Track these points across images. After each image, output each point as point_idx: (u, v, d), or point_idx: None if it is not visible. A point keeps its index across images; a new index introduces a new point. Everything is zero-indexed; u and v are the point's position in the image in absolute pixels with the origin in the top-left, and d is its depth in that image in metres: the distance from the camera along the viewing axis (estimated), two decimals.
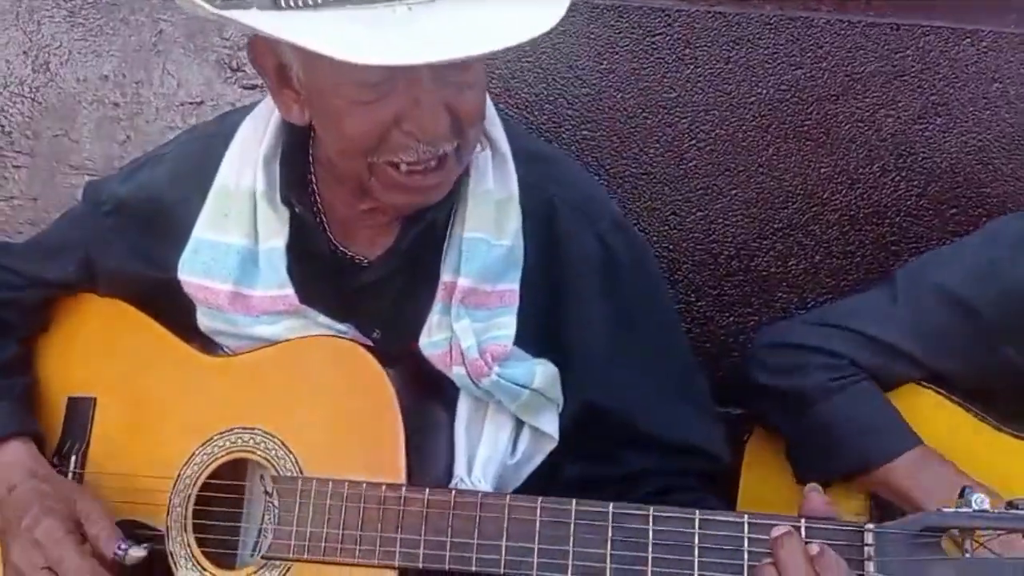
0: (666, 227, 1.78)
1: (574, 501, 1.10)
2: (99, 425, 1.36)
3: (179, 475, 1.27)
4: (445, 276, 1.24)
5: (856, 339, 1.44)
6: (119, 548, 1.21)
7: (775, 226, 1.77)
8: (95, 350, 1.40)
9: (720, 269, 1.79)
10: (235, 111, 1.41)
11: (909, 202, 1.75)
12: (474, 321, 1.22)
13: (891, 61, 1.72)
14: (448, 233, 1.25)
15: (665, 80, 1.75)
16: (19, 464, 1.28)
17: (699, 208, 1.77)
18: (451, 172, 1.18)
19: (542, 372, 1.24)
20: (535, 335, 1.26)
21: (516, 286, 1.24)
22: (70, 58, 1.82)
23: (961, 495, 1.03)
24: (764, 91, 1.74)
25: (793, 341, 1.48)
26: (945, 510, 1.02)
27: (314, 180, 1.28)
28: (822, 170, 1.76)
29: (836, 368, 1.43)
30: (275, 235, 1.26)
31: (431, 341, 1.24)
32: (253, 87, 1.81)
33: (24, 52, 1.82)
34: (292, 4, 1.04)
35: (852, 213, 1.76)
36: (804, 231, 1.77)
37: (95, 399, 1.37)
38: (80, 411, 1.37)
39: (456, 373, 1.23)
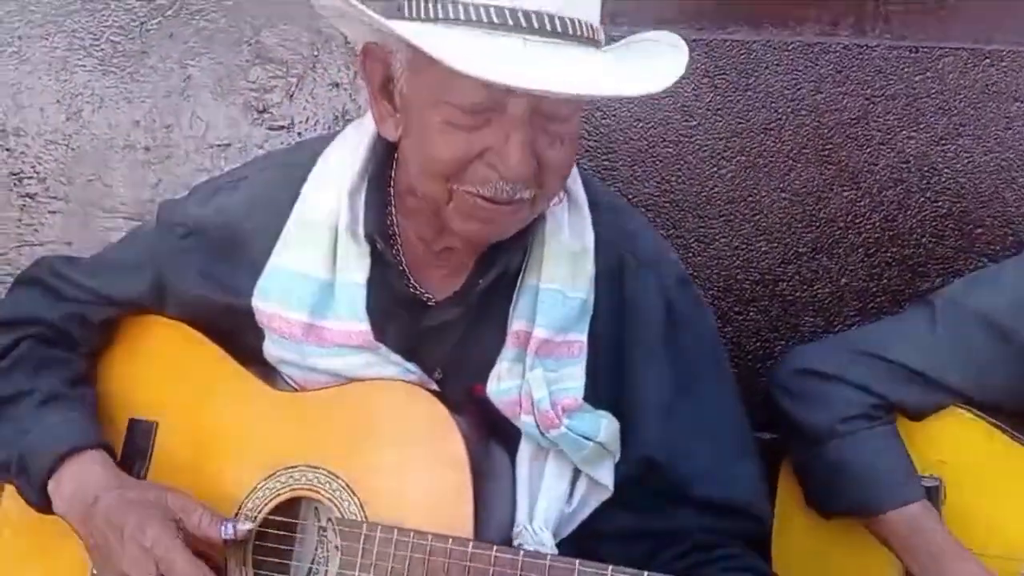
0: (690, 254, 1.79)
1: (645, 573, 1.09)
2: (160, 450, 1.36)
3: (241, 507, 1.27)
4: (517, 324, 1.24)
5: (892, 371, 1.43)
6: (227, 529, 1.22)
7: (799, 250, 1.78)
8: (159, 373, 1.39)
9: (745, 295, 1.79)
10: (313, 140, 1.42)
11: (934, 223, 1.75)
12: (546, 371, 1.23)
13: (910, 84, 1.72)
14: (520, 281, 1.26)
15: (685, 109, 1.76)
16: (98, 475, 1.28)
17: (723, 235, 1.78)
18: (524, 217, 1.19)
19: (607, 426, 1.25)
20: (599, 388, 1.27)
21: (584, 338, 1.25)
22: (102, 105, 1.86)
23: None
24: (784, 117, 1.75)
25: (821, 369, 1.47)
26: None
27: (394, 215, 1.29)
28: (845, 193, 1.76)
29: (858, 405, 1.42)
30: (356, 269, 1.26)
31: (500, 388, 1.24)
32: (280, 128, 1.84)
33: (57, 101, 1.86)
34: (415, 15, 1.08)
35: (876, 236, 1.76)
36: (829, 255, 1.77)
37: (157, 423, 1.36)
38: (142, 434, 1.37)
39: (524, 422, 1.24)
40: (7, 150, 1.90)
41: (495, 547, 1.14)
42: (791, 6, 1.75)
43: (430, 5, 1.08)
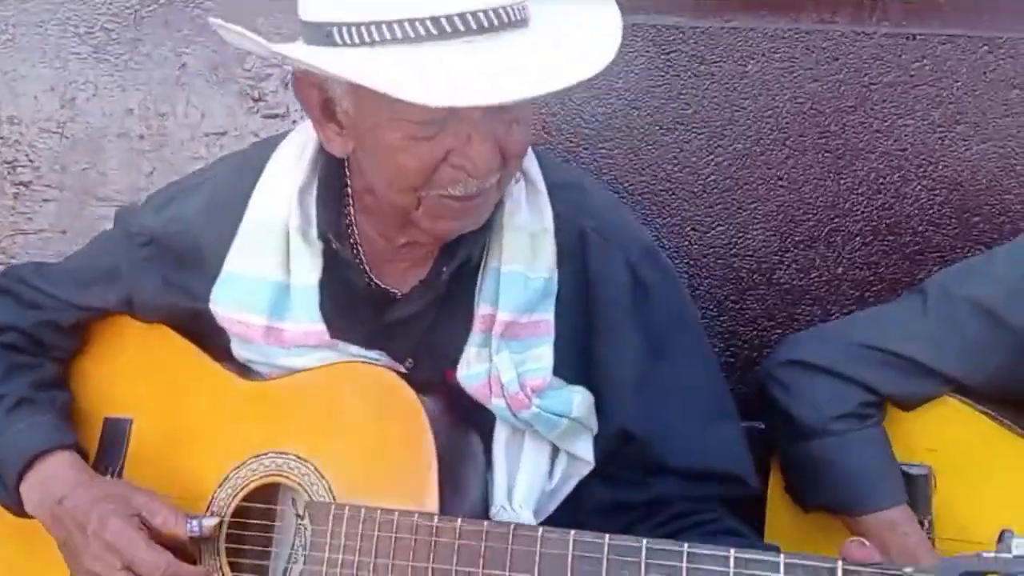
0: (686, 242, 1.78)
1: (607, 536, 1.09)
2: (135, 446, 1.38)
3: (213, 497, 1.28)
4: (482, 309, 1.25)
5: (886, 361, 1.42)
6: (192, 526, 1.23)
7: (796, 239, 1.77)
8: (133, 372, 1.41)
9: (742, 283, 1.79)
10: (267, 140, 1.42)
11: (931, 211, 1.74)
12: (512, 352, 1.23)
13: (908, 71, 1.71)
14: (483, 266, 1.26)
15: (681, 96, 1.75)
16: (64, 475, 1.29)
17: (719, 223, 1.78)
18: (492, 199, 1.20)
19: (580, 401, 1.26)
20: (570, 363, 1.27)
21: (551, 316, 1.26)
22: (96, 93, 1.85)
23: (1000, 539, 1.01)
24: (781, 104, 1.74)
25: (813, 361, 1.46)
26: (985, 555, 1.00)
27: (351, 212, 1.28)
28: (842, 182, 1.75)
29: (845, 401, 1.42)
30: (308, 271, 1.26)
31: (470, 373, 1.25)
32: (275, 116, 1.83)
33: (51, 88, 1.86)
34: (348, 41, 1.05)
35: (873, 224, 1.75)
36: (825, 243, 1.77)
37: (131, 420, 1.38)
38: (116, 432, 1.39)
39: (496, 405, 1.24)
40: (1, 138, 1.89)
41: (460, 519, 1.15)
42: None
43: (362, 30, 1.04)
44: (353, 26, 1.04)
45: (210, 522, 1.25)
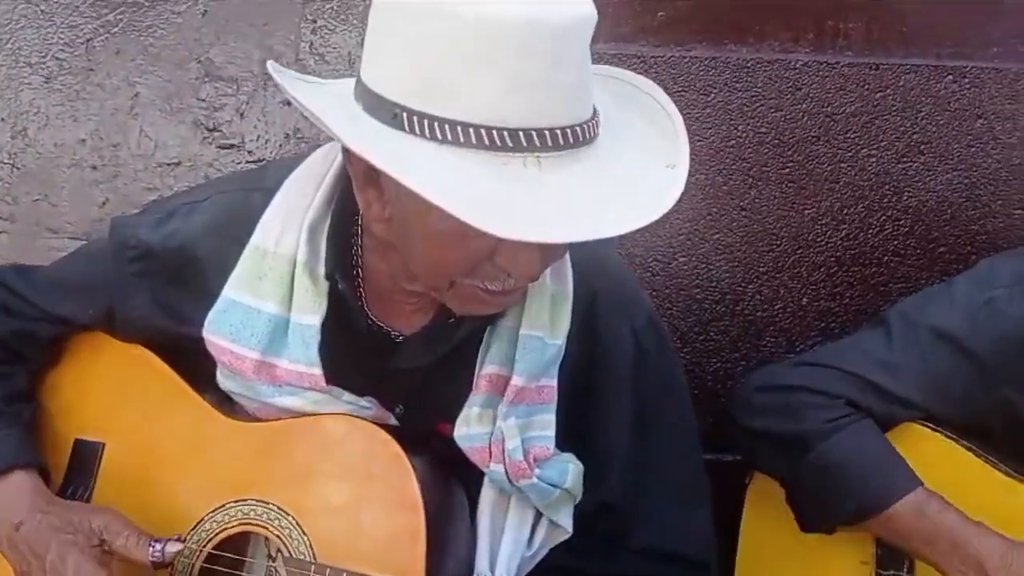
0: (649, 273, 1.76)
1: None
2: (105, 472, 1.33)
3: (187, 539, 1.24)
4: (489, 367, 1.19)
5: (852, 381, 1.41)
6: (154, 548, 1.19)
7: (760, 270, 1.76)
8: (108, 393, 1.35)
9: (706, 314, 1.77)
10: (276, 163, 1.36)
11: (896, 242, 1.73)
12: (518, 418, 1.19)
13: (871, 101, 1.71)
14: (494, 322, 1.20)
15: None
16: (23, 498, 1.24)
17: (682, 254, 1.76)
18: (524, 290, 1.15)
19: (573, 471, 1.22)
20: (565, 430, 1.23)
21: (555, 382, 1.21)
22: (48, 123, 1.82)
23: None
24: (744, 134, 1.73)
25: (784, 383, 1.45)
26: None
27: (360, 250, 1.22)
28: (806, 212, 1.74)
29: (832, 407, 1.40)
30: (311, 310, 1.19)
31: (470, 434, 1.19)
32: (230, 146, 1.80)
33: (2, 119, 1.82)
34: (418, 132, 0.97)
35: (838, 255, 1.74)
36: (790, 274, 1.76)
37: (103, 444, 1.33)
38: (87, 455, 1.33)
39: (493, 470, 1.19)
40: None
41: None
42: (751, 23, 1.73)
43: (436, 126, 0.96)
44: (427, 118, 0.97)
45: (173, 548, 1.20)
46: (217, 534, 1.23)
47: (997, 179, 1.70)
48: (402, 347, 1.23)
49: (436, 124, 0.96)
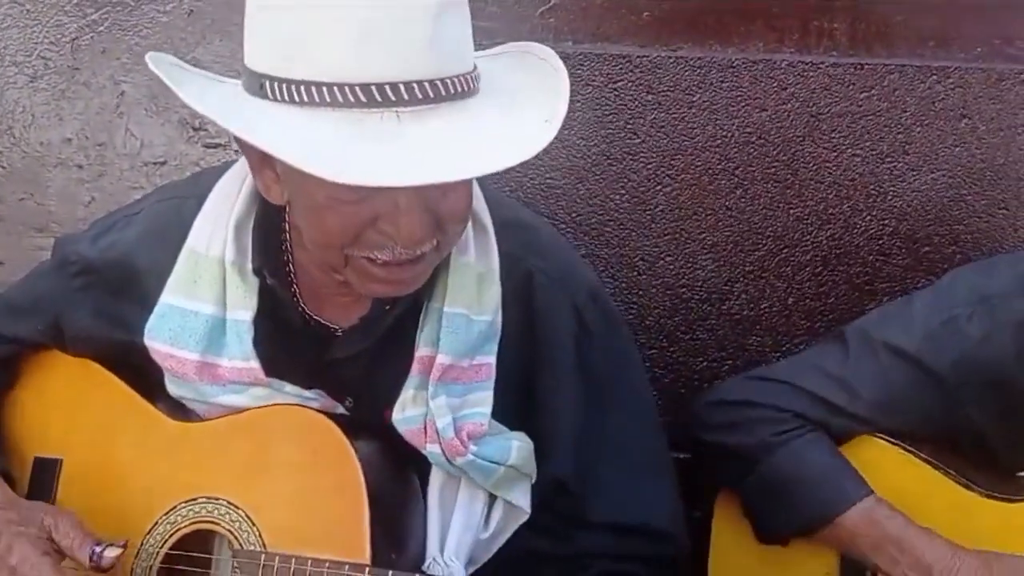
0: (635, 273, 1.76)
1: None
2: (64, 487, 1.35)
3: (142, 543, 1.26)
4: (422, 350, 1.21)
5: (803, 396, 1.42)
6: (94, 551, 1.20)
7: (746, 269, 1.75)
8: (63, 410, 1.39)
9: (691, 314, 1.77)
10: (209, 171, 1.39)
11: (881, 241, 1.73)
12: (450, 396, 1.20)
13: (856, 101, 1.70)
14: (425, 305, 1.22)
15: (629, 126, 1.73)
16: None
17: (668, 253, 1.76)
18: (429, 266, 1.15)
19: (518, 447, 1.23)
20: (511, 407, 1.24)
21: (493, 359, 1.22)
22: (33, 122, 1.82)
23: None
24: (729, 134, 1.73)
25: (733, 398, 1.46)
26: None
27: (289, 248, 1.25)
28: (791, 211, 1.74)
29: (779, 422, 1.41)
30: (243, 306, 1.23)
31: (405, 417, 1.22)
32: (216, 146, 1.81)
33: None
34: (279, 97, 1.01)
35: (824, 254, 1.74)
36: (775, 273, 1.75)
37: (61, 460, 1.36)
38: (46, 471, 1.36)
39: (430, 451, 1.21)
40: None
41: (391, 572, 1.12)
42: (736, 23, 1.73)
43: (292, 89, 1.00)
44: (285, 83, 1.01)
45: (112, 552, 1.21)
46: (171, 535, 1.25)
47: (981, 179, 1.70)
48: (341, 339, 1.25)
49: (292, 87, 1.00)
